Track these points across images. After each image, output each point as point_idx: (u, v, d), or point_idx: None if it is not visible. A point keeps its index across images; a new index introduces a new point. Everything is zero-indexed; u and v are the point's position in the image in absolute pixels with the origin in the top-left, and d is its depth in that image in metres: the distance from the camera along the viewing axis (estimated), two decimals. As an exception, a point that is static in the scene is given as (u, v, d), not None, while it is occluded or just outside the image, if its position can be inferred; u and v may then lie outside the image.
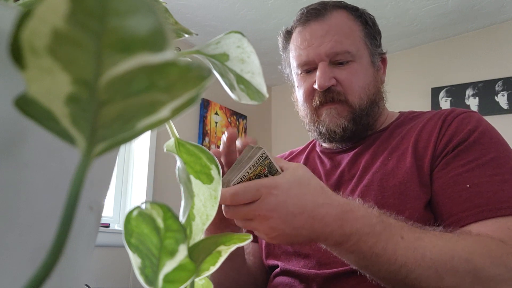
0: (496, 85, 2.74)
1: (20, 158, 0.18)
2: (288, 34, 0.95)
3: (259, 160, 0.56)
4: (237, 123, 3.37)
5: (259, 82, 0.28)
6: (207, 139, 3.06)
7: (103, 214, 0.24)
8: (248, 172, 0.56)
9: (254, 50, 0.28)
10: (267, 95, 0.29)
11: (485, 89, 2.77)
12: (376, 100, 0.90)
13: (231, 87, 0.28)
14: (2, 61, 0.17)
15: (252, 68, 0.28)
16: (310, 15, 0.90)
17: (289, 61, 0.95)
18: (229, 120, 3.29)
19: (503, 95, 2.71)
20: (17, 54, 0.13)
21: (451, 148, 0.76)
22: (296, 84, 0.94)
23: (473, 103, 2.80)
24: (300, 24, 0.91)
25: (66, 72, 0.14)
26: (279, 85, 3.62)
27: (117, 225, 2.50)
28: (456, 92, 2.86)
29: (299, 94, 0.93)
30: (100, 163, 0.22)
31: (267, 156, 0.56)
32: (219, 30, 2.80)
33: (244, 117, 3.43)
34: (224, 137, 0.63)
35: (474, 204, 0.70)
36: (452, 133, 0.78)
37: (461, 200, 0.71)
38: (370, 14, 0.94)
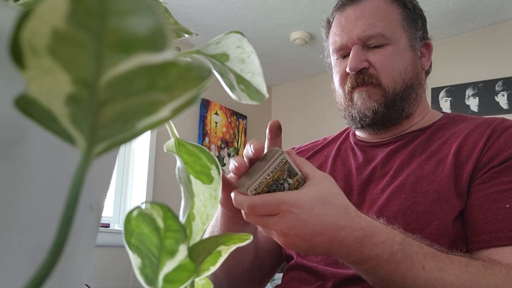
0: (496, 85, 2.74)
1: (20, 158, 0.18)
2: (328, 23, 0.94)
3: (278, 166, 0.54)
4: (237, 123, 3.37)
5: (259, 82, 0.28)
6: (207, 139, 3.06)
7: (103, 214, 0.24)
8: (266, 178, 0.54)
9: (254, 50, 0.28)
10: (267, 95, 0.29)
11: (485, 89, 2.77)
12: (413, 85, 0.85)
13: (231, 87, 0.28)
14: (2, 61, 0.17)
15: (252, 68, 0.28)
16: (346, 1, 0.89)
17: (329, 50, 0.94)
18: (229, 120, 3.29)
19: (503, 95, 2.71)
20: (17, 54, 0.13)
21: (497, 162, 0.71)
22: (333, 70, 0.93)
23: (473, 103, 2.80)
24: (337, 11, 0.91)
25: (66, 72, 0.14)
26: (279, 85, 3.62)
27: (117, 225, 2.50)
28: (456, 92, 2.86)
29: (335, 80, 0.91)
30: (100, 163, 0.22)
31: (287, 161, 0.55)
32: (219, 30, 2.80)
33: (244, 117, 3.43)
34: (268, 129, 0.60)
35: (510, 226, 0.66)
36: (500, 146, 0.73)
37: (497, 219, 0.67)
38: None
